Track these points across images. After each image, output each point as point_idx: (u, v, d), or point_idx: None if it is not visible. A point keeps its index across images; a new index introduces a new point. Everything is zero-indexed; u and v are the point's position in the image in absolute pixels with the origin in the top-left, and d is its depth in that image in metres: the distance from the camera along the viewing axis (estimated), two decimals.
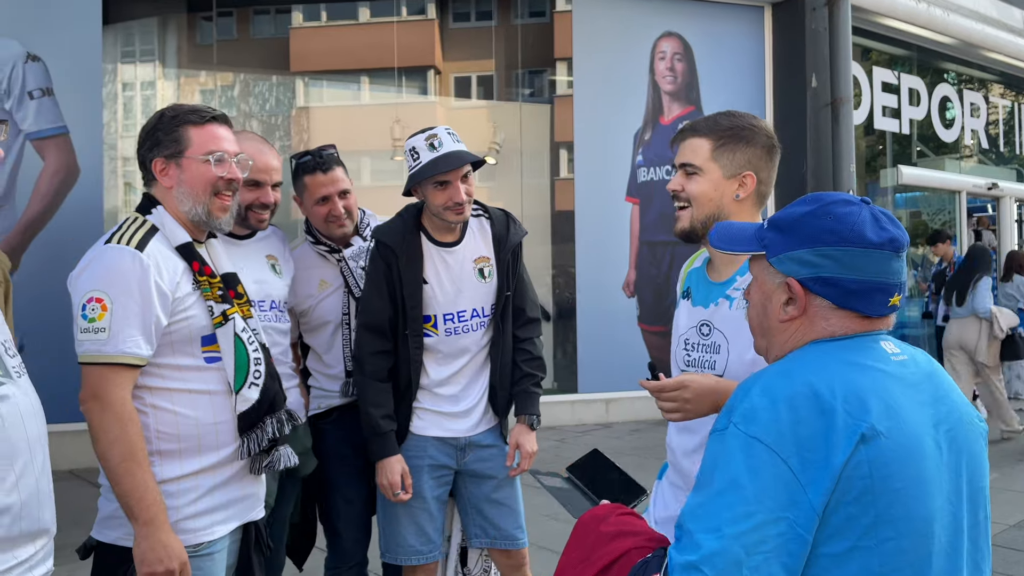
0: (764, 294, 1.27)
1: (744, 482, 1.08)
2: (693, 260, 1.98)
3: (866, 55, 10.03)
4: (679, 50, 8.22)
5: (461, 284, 2.49)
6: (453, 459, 2.53)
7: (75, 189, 6.15)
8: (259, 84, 8.06)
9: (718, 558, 1.05)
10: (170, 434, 1.78)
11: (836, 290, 1.20)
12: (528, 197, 8.19)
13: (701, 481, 1.13)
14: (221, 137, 1.88)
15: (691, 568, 1.06)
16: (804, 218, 1.23)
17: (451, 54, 8.46)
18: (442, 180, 2.39)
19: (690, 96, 8.25)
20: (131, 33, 7.42)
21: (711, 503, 1.09)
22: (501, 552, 2.60)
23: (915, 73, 10.60)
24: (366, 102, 8.43)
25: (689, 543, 1.08)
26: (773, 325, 1.26)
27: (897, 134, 10.35)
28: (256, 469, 1.90)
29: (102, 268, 1.75)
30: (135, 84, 7.53)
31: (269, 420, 1.87)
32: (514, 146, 8.25)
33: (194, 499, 1.80)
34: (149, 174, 1.88)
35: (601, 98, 7.86)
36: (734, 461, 1.10)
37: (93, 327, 1.71)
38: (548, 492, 1.50)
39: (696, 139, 1.80)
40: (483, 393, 2.55)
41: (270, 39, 8.23)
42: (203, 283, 1.84)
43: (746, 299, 1.35)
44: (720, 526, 1.07)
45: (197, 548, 1.80)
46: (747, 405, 1.13)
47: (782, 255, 1.23)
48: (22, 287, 5.97)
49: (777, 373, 1.17)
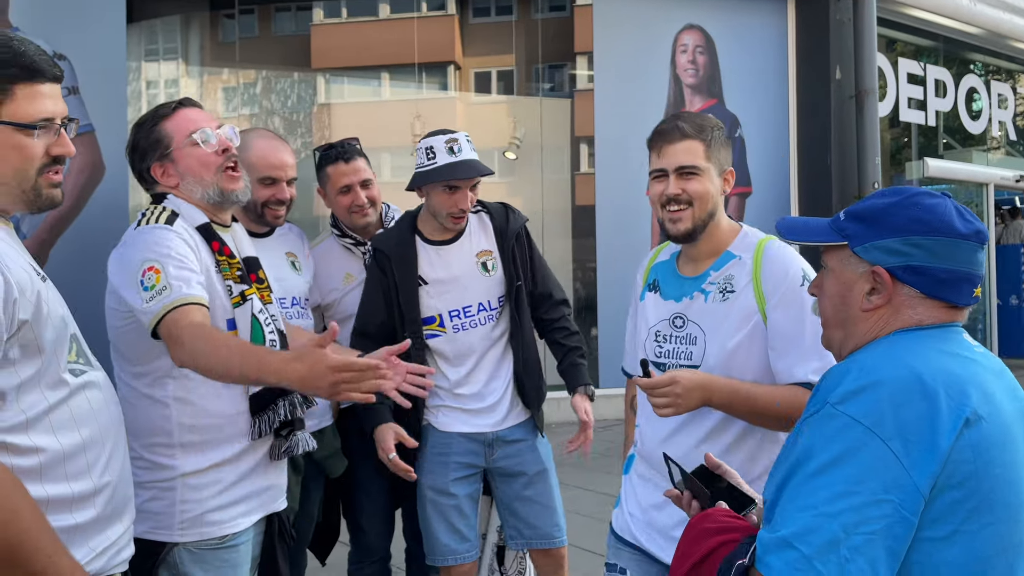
0: (844, 284, 1.27)
1: (843, 463, 1.07)
2: (657, 253, 2.03)
3: (891, 46, 9.89)
4: (701, 43, 8.15)
5: (463, 280, 2.48)
6: (480, 456, 2.51)
7: (100, 187, 6.23)
8: (281, 81, 8.10)
9: (813, 535, 1.04)
10: (192, 426, 1.78)
11: (926, 279, 1.21)
12: (548, 192, 8.17)
13: (793, 464, 1.12)
14: (195, 118, 1.88)
15: (783, 544, 1.06)
16: (891, 208, 1.24)
17: (471, 49, 8.46)
18: (454, 185, 2.41)
19: (712, 89, 8.19)
20: (155, 31, 7.48)
21: (807, 484, 1.09)
22: (540, 552, 2.57)
23: (941, 64, 10.44)
24: (386, 98, 8.45)
25: (781, 521, 1.08)
26: (854, 315, 1.26)
27: (923, 126, 10.21)
28: (275, 455, 1.90)
29: (143, 244, 1.75)
30: (159, 82, 7.60)
31: (281, 402, 1.86)
32: (534, 141, 8.23)
33: (218, 492, 1.80)
34: (152, 183, 1.90)
35: (622, 92, 7.82)
36: (831, 442, 1.09)
37: (156, 290, 1.69)
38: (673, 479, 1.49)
39: (688, 142, 1.84)
40: (507, 386, 2.52)
41: (291, 36, 8.27)
42: (222, 263, 1.84)
43: (812, 293, 1.35)
44: (816, 504, 1.06)
45: (222, 540, 1.80)
46: (845, 387, 1.13)
47: (868, 244, 1.24)
48: None
49: (875, 357, 1.18)
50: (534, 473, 2.53)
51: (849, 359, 1.21)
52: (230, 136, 1.90)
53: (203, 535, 1.79)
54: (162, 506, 1.78)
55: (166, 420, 1.77)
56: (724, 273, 1.85)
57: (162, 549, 1.76)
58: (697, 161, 1.83)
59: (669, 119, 1.90)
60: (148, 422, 1.78)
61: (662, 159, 1.85)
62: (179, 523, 1.77)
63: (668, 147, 1.84)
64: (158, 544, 1.76)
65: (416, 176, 2.46)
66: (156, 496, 1.78)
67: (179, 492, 1.77)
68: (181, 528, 1.77)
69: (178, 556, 1.77)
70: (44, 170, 1.44)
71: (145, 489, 1.78)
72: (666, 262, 1.99)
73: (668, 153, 1.84)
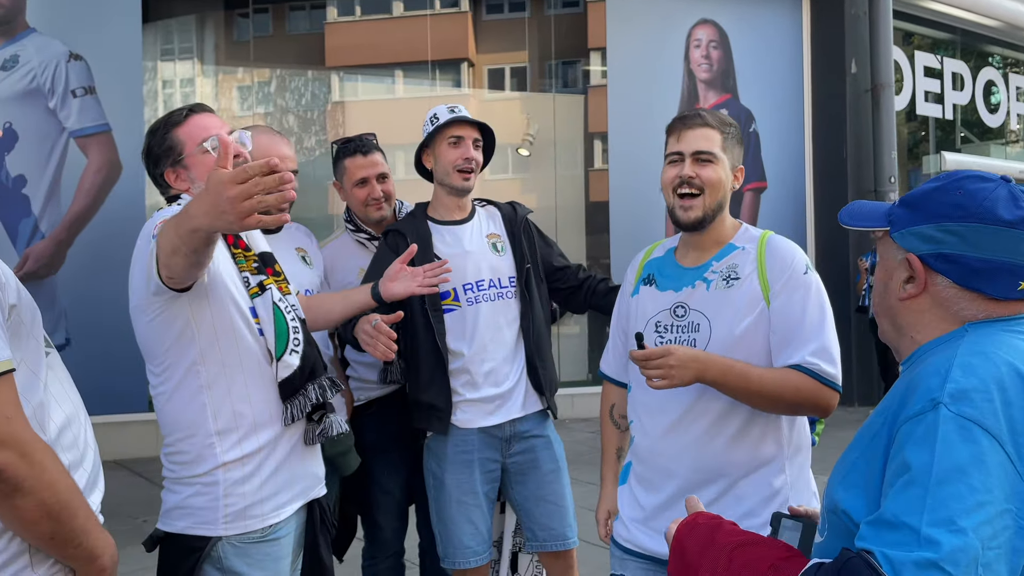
0: (886, 272, 1.23)
1: (969, 469, 0.98)
2: (651, 251, 2.05)
3: (908, 39, 9.81)
4: (715, 37, 8.12)
5: (475, 255, 2.50)
6: (499, 452, 2.50)
7: (117, 186, 6.28)
8: (295, 79, 8.14)
9: (961, 555, 0.95)
10: (226, 412, 1.78)
11: (958, 268, 1.13)
12: (562, 188, 8.17)
13: (911, 473, 1.01)
14: (207, 125, 1.89)
15: (930, 566, 0.95)
16: (933, 193, 1.18)
17: (484, 46, 8.46)
18: (457, 135, 2.46)
19: (726, 84, 8.15)
20: (170, 31, 7.53)
21: (934, 494, 0.98)
22: (551, 555, 2.56)
23: (958, 57, 10.35)
24: (400, 96, 8.47)
25: (917, 539, 0.97)
26: (893, 304, 1.21)
27: (940, 119, 10.12)
28: (310, 439, 1.90)
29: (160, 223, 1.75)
30: (175, 81, 7.65)
31: (311, 386, 1.86)
32: (548, 137, 8.22)
33: (260, 483, 1.80)
34: (166, 187, 1.91)
35: (635, 87, 7.80)
36: (954, 447, 0.99)
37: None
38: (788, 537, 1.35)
39: (707, 129, 1.87)
40: (521, 372, 2.52)
41: (305, 35, 8.30)
42: (238, 255, 1.85)
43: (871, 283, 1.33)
44: (954, 518, 0.96)
45: (265, 533, 1.80)
46: (954, 386, 1.03)
47: (904, 230, 1.18)
48: (67, 283, 6.13)
49: (970, 353, 1.08)
50: (547, 471, 2.52)
51: (940, 358, 1.10)
52: (242, 141, 1.90)
53: (247, 527, 1.78)
54: (205, 501, 1.77)
55: (202, 409, 1.77)
56: (727, 262, 1.87)
57: (205, 544, 1.76)
58: (714, 148, 1.86)
59: (691, 110, 1.94)
60: (184, 415, 1.78)
61: (680, 142, 1.88)
62: (223, 517, 1.76)
63: (687, 131, 1.87)
64: (201, 539, 1.76)
65: (425, 136, 2.51)
66: (199, 492, 1.77)
67: (222, 486, 1.77)
68: (225, 521, 1.77)
69: (222, 550, 1.76)
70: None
71: (187, 485, 1.78)
72: (661, 258, 2.00)
73: (687, 137, 1.87)
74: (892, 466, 1.04)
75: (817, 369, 1.75)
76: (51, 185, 6.13)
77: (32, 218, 6.08)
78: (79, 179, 6.19)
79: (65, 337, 6.11)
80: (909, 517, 0.98)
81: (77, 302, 6.08)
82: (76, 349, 6.07)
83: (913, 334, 1.20)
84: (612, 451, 2.15)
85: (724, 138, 1.88)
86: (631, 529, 1.93)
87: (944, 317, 1.16)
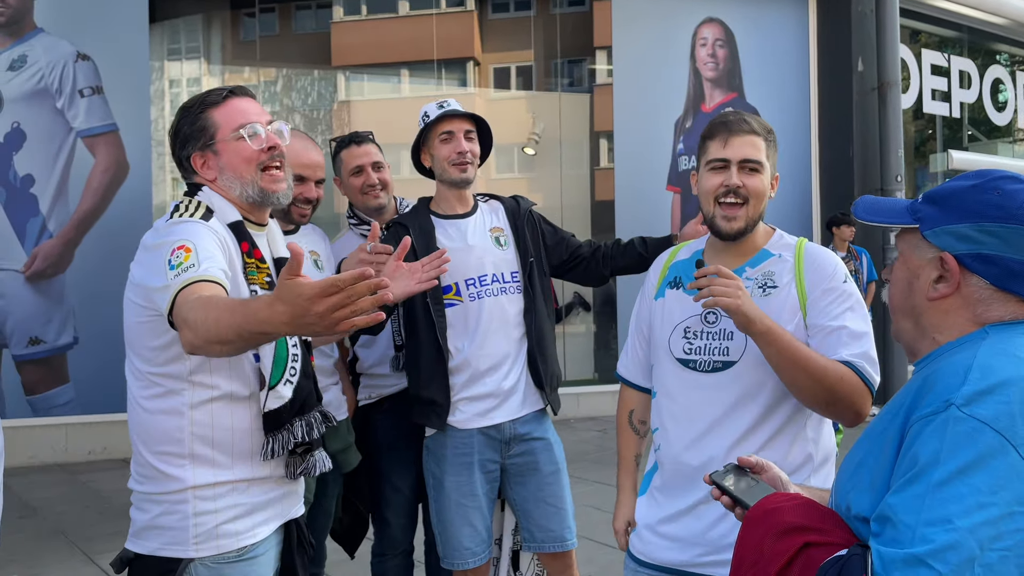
0: (911, 271, 1.18)
1: (974, 471, 0.97)
2: (675, 252, 1.99)
3: (914, 37, 9.78)
4: (721, 36, 8.10)
5: (478, 249, 2.49)
6: (498, 452, 2.50)
7: (125, 185, 6.30)
8: (301, 79, 8.15)
9: (951, 553, 0.94)
10: (204, 437, 1.67)
11: (997, 270, 1.11)
12: (568, 187, 8.17)
13: (914, 471, 1.01)
14: (246, 110, 1.76)
15: (917, 563, 0.95)
16: (967, 191, 1.15)
17: (490, 45, 8.46)
18: (447, 130, 2.47)
19: (732, 83, 8.14)
20: (177, 31, 7.55)
21: (935, 494, 0.98)
22: (549, 555, 2.56)
23: (966, 55, 10.31)
24: (406, 95, 8.48)
25: (910, 537, 0.97)
26: (920, 304, 1.18)
27: (947, 118, 10.08)
28: (291, 474, 1.78)
29: (177, 233, 1.62)
30: (181, 81, 7.67)
31: (298, 422, 1.72)
32: (553, 136, 8.22)
33: (232, 503, 1.69)
34: (190, 172, 1.78)
35: (641, 86, 7.80)
36: (960, 448, 0.98)
37: (182, 267, 1.54)
38: (731, 495, 1.32)
39: (754, 137, 1.81)
40: (522, 368, 2.50)
41: (311, 34, 8.31)
42: (250, 266, 1.71)
43: (884, 279, 1.28)
44: (950, 518, 0.96)
45: (241, 552, 1.69)
46: (971, 388, 1.02)
47: (938, 228, 1.15)
48: (75, 282, 6.16)
49: (993, 354, 1.07)
50: (547, 473, 2.52)
51: (961, 358, 1.09)
52: (281, 132, 1.78)
53: (220, 548, 1.67)
54: (174, 520, 1.66)
55: (179, 429, 1.65)
56: (762, 270, 1.82)
57: (177, 566, 1.65)
58: (760, 156, 1.81)
59: (732, 112, 1.86)
60: (160, 429, 1.67)
61: (727, 149, 1.80)
62: (193, 537, 1.65)
63: (735, 138, 1.80)
64: (172, 561, 1.65)
65: (417, 136, 2.53)
66: (168, 511, 1.67)
67: (191, 504, 1.65)
68: (196, 543, 1.65)
69: (195, 572, 1.66)
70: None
71: (155, 503, 1.68)
72: (688, 260, 1.93)
73: (734, 144, 1.80)
74: (901, 464, 1.04)
75: (863, 368, 1.69)
76: (59, 184, 6.16)
77: (40, 217, 6.11)
78: (87, 178, 6.22)
79: (73, 336, 6.14)
80: (906, 515, 0.98)
81: (85, 301, 6.11)
82: (84, 347, 6.10)
83: (935, 335, 1.17)
84: (631, 457, 2.06)
85: (768, 145, 1.83)
86: (647, 540, 1.87)
87: (968, 319, 1.14)
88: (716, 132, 1.83)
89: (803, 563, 1.07)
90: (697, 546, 1.78)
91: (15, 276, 6.07)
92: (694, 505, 1.78)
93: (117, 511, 1.67)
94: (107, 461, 5.98)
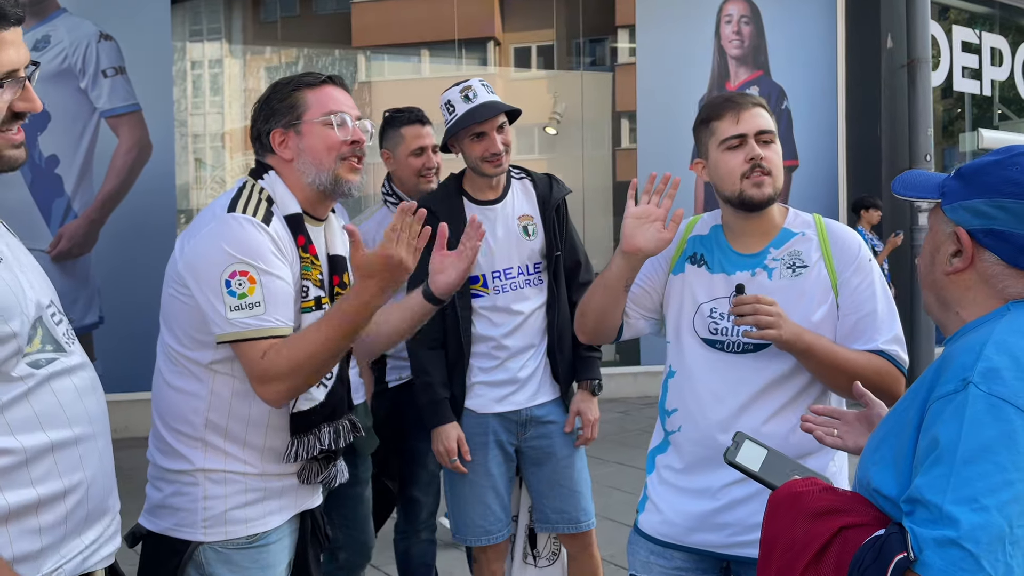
0: (934, 244, 1.20)
1: (998, 448, 0.98)
2: (691, 226, 1.93)
3: (944, 14, 9.57)
4: (746, 13, 7.97)
5: (507, 241, 2.46)
6: (514, 435, 2.50)
7: (148, 166, 6.33)
8: (322, 59, 8.13)
9: (981, 532, 0.96)
10: (218, 425, 1.66)
11: (1008, 246, 1.11)
12: (589, 168, 8.11)
13: (938, 451, 1.02)
14: (339, 99, 1.75)
15: (949, 544, 0.96)
16: (988, 167, 1.14)
17: (511, 24, 8.39)
18: (478, 131, 2.39)
19: (758, 60, 8.02)
20: (198, 11, 7.55)
21: (959, 473, 0.98)
22: (568, 536, 2.57)
23: (997, 31, 10.07)
24: (426, 75, 8.44)
25: (939, 517, 0.98)
26: (939, 278, 1.19)
27: (977, 96, 9.88)
28: (304, 479, 1.74)
29: (235, 239, 1.60)
30: (203, 62, 7.68)
31: (327, 427, 1.70)
32: (575, 116, 8.16)
33: (243, 489, 1.67)
34: (267, 149, 1.75)
35: (664, 65, 7.70)
36: (982, 426, 0.99)
37: (246, 302, 1.57)
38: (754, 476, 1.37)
39: (761, 109, 1.80)
40: (541, 359, 2.50)
41: (332, 14, 8.28)
42: (306, 261, 1.70)
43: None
44: (976, 496, 0.97)
45: (251, 539, 1.67)
46: (986, 364, 1.03)
47: (956, 203, 1.15)
48: (100, 262, 6.21)
49: (1009, 331, 1.07)
50: (563, 457, 2.52)
51: (976, 336, 1.10)
52: (368, 130, 1.78)
53: (228, 534, 1.65)
54: (185, 502, 1.66)
55: (195, 412, 1.65)
56: (788, 249, 1.79)
57: (187, 547, 1.65)
58: (773, 127, 1.80)
59: (727, 93, 1.85)
60: (177, 407, 1.67)
61: (741, 124, 1.77)
62: (202, 521, 1.65)
63: (746, 112, 1.78)
64: (182, 542, 1.65)
65: (444, 134, 2.47)
66: (179, 491, 1.66)
67: (201, 487, 1.65)
68: (204, 526, 1.65)
69: (204, 555, 1.65)
70: (3, 128, 1.28)
71: (168, 483, 1.68)
72: (708, 236, 1.89)
73: (747, 118, 1.77)
74: (923, 444, 1.05)
75: (896, 356, 1.71)
76: (83, 165, 6.20)
77: (65, 198, 6.16)
78: (110, 159, 6.26)
79: (99, 315, 6.20)
80: (933, 495, 0.99)
81: (110, 281, 6.17)
82: (109, 327, 6.16)
83: (959, 310, 1.17)
84: None
85: (774, 121, 1.83)
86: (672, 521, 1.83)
87: (990, 295, 1.14)
88: (723, 111, 1.79)
89: (841, 545, 1.07)
90: (727, 528, 1.76)
91: (41, 256, 6.11)
92: (725, 486, 1.76)
93: (138, 488, 1.68)
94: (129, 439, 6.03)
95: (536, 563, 2.64)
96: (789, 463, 1.37)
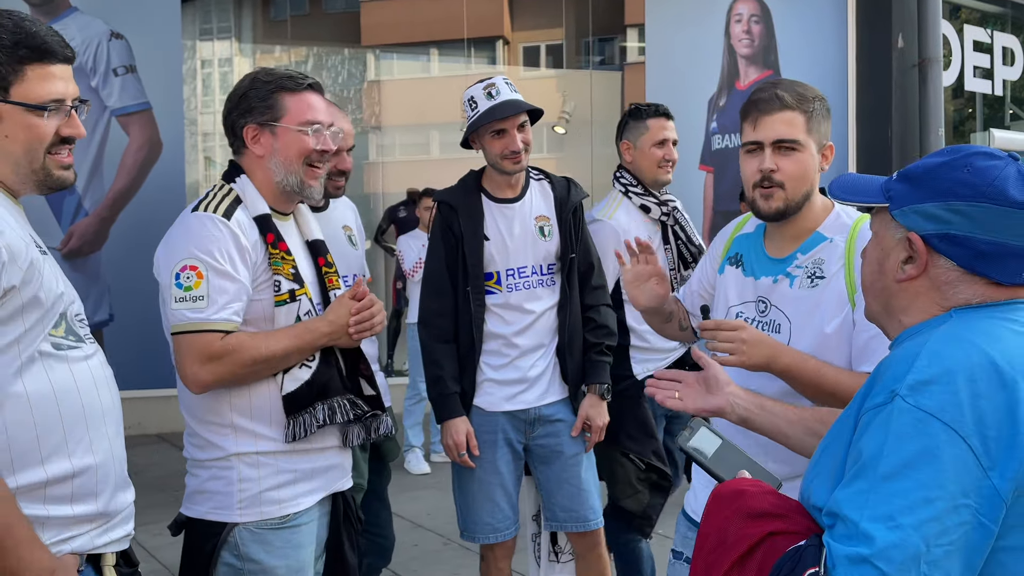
0: (882, 250, 1.14)
1: (920, 464, 0.94)
2: (742, 224, 1.90)
3: (956, 13, 9.52)
4: (756, 12, 7.95)
5: (523, 239, 2.47)
6: (523, 433, 2.51)
7: (158, 164, 6.36)
8: (331, 58, 8.15)
9: (895, 551, 0.92)
10: (244, 409, 1.75)
11: (965, 251, 1.06)
12: (598, 167, 8.10)
13: (859, 464, 0.99)
14: (316, 107, 1.81)
15: (862, 562, 0.93)
16: (938, 169, 1.09)
17: (520, 23, 8.39)
18: (499, 128, 2.40)
19: (768, 59, 7.99)
20: (208, 10, 7.58)
21: (879, 489, 0.96)
22: (575, 534, 2.57)
23: (1009, 31, 10.02)
24: (436, 74, 8.45)
25: (854, 533, 0.95)
26: (889, 286, 1.14)
27: (989, 96, 9.82)
28: (348, 441, 1.84)
29: (193, 234, 1.71)
30: (213, 61, 7.71)
31: (320, 405, 1.77)
32: (584, 115, 8.15)
33: (276, 471, 1.75)
34: (239, 140, 1.82)
35: (674, 64, 7.68)
36: (905, 440, 0.96)
37: (190, 296, 1.66)
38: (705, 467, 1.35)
39: (788, 113, 1.67)
40: (551, 359, 2.51)
41: (341, 13, 8.30)
42: (275, 257, 1.76)
43: (862, 257, 1.23)
44: (893, 514, 0.94)
45: (283, 520, 1.76)
46: (916, 376, 0.99)
47: (907, 207, 1.10)
48: (111, 260, 6.24)
49: (944, 340, 1.03)
50: (570, 455, 2.52)
51: (912, 344, 1.05)
52: (337, 137, 1.86)
53: (263, 515, 1.74)
54: (221, 485, 1.74)
55: (218, 400, 1.73)
56: (813, 256, 1.71)
57: (223, 530, 1.73)
58: (796, 134, 1.66)
59: (766, 86, 1.71)
60: (204, 399, 1.74)
61: (757, 131, 1.68)
62: (238, 502, 1.73)
63: (765, 118, 1.67)
64: (219, 525, 1.74)
65: (466, 129, 2.48)
66: (215, 475, 1.75)
67: (236, 470, 1.73)
68: (240, 508, 1.73)
69: (239, 536, 1.73)
70: (53, 150, 1.44)
71: (203, 468, 1.77)
72: (751, 235, 1.85)
73: (764, 124, 1.67)
74: (850, 456, 1.02)
75: None
76: (94, 163, 6.23)
77: (76, 196, 6.19)
78: (121, 157, 6.29)
79: (109, 313, 6.24)
80: (851, 510, 0.97)
81: (120, 278, 6.20)
82: (119, 324, 6.19)
83: (902, 317, 1.14)
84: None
85: (808, 118, 1.67)
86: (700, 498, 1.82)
87: (936, 301, 1.10)
88: (748, 111, 1.72)
89: (766, 550, 1.05)
90: None
91: (52, 254, 6.16)
92: None
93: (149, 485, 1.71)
94: (141, 436, 6.09)
95: (559, 558, 2.66)
96: (742, 458, 1.33)
